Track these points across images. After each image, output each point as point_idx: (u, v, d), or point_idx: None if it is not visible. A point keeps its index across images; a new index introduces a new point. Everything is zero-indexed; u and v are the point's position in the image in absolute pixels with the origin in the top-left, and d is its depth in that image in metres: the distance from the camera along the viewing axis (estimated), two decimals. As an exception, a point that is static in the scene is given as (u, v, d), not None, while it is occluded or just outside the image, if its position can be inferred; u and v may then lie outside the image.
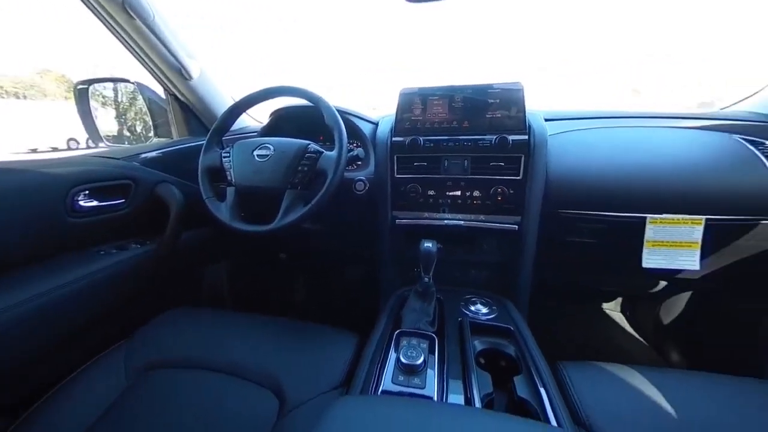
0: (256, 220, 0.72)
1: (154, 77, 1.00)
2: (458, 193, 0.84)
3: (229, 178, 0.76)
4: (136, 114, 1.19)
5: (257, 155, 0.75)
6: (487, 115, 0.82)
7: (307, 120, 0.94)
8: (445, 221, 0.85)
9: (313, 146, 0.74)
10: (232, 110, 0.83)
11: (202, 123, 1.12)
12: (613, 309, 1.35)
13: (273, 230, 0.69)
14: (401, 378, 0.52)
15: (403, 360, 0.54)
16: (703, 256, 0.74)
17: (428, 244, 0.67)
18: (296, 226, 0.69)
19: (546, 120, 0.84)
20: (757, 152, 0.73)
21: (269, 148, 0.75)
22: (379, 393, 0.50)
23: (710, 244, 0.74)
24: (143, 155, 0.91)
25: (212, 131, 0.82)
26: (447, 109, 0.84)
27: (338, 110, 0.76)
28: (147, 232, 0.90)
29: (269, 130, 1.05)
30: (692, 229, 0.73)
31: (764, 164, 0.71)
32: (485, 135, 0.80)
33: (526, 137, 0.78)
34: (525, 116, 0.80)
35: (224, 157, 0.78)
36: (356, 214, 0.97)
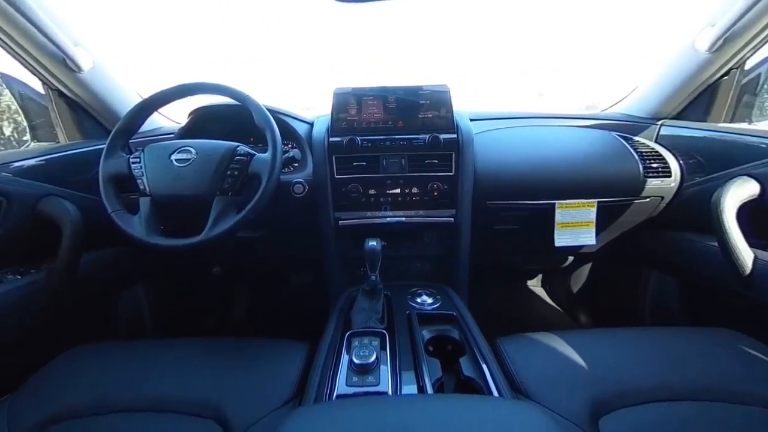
0: (181, 233, 0.64)
1: (28, 68, 0.81)
2: (398, 190, 0.87)
3: (141, 187, 0.66)
4: (1, 113, 0.96)
5: (176, 160, 0.67)
6: (420, 116, 0.86)
7: (233, 120, 0.87)
8: (388, 219, 0.87)
9: (243, 148, 0.69)
10: (141, 108, 0.72)
11: (100, 124, 0.95)
12: (535, 285, 1.55)
13: (203, 242, 0.62)
14: (355, 379, 0.52)
15: (355, 360, 0.54)
16: (597, 233, 0.90)
17: (373, 243, 0.68)
18: (231, 236, 0.64)
19: (471, 120, 0.92)
20: (627, 146, 0.92)
21: (190, 152, 0.67)
22: (334, 398, 0.50)
23: (602, 223, 0.91)
24: (17, 164, 0.74)
25: (115, 133, 0.71)
26: (382, 110, 0.86)
27: (269, 110, 0.72)
28: (30, 258, 0.73)
29: (189, 132, 0.94)
30: (588, 211, 0.89)
31: (633, 155, 0.89)
32: (419, 134, 0.84)
33: (456, 136, 0.85)
34: (453, 116, 0.86)
35: (133, 162, 0.68)
36: (297, 218, 0.93)
